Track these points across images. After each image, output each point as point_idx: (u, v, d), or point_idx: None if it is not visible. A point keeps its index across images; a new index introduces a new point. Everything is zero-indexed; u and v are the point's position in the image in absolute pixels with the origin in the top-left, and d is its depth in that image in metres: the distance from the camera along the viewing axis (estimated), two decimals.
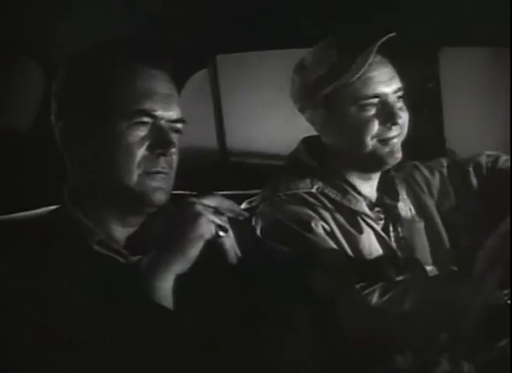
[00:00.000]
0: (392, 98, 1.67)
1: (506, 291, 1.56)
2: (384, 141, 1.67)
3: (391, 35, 1.63)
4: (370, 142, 1.66)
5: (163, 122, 1.28)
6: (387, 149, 1.67)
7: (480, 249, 1.49)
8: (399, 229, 1.74)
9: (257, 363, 1.21)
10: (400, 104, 1.68)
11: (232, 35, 2.16)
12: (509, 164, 1.80)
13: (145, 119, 1.26)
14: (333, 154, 1.74)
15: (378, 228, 1.70)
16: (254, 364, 1.21)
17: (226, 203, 1.27)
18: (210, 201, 1.25)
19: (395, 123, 1.66)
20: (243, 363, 1.20)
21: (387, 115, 1.66)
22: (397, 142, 1.69)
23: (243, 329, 1.22)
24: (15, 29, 2.05)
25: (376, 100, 1.65)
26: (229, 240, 1.24)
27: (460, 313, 1.45)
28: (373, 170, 1.74)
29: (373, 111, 1.66)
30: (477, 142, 2.48)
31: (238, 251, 1.26)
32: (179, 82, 1.36)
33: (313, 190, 1.70)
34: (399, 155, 1.69)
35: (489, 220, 1.65)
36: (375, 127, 1.66)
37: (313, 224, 1.63)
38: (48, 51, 2.12)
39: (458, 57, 2.38)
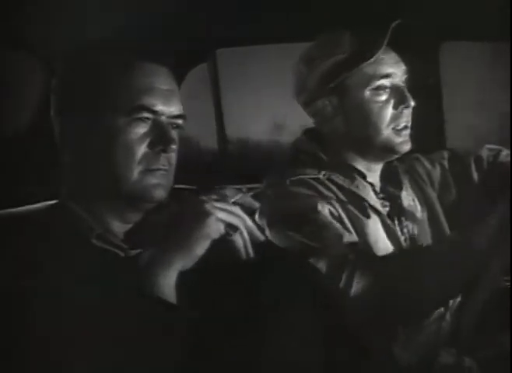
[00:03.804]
0: (402, 80, 1.69)
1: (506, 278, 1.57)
2: (398, 131, 1.68)
3: (399, 21, 1.65)
4: (385, 130, 1.67)
5: (163, 118, 1.27)
6: (400, 139, 1.68)
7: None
8: (402, 218, 1.74)
9: (260, 359, 1.21)
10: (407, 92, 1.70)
11: (231, 29, 2.15)
12: (509, 158, 1.80)
13: (146, 114, 1.25)
14: (336, 144, 1.74)
15: (385, 216, 1.70)
16: (257, 360, 1.20)
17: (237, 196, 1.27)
18: (221, 203, 1.24)
19: (407, 106, 1.67)
20: (246, 359, 1.20)
21: (399, 98, 1.67)
22: (407, 133, 1.70)
23: (246, 326, 1.22)
24: (14, 25, 2.04)
25: (387, 82, 1.66)
26: (240, 238, 1.23)
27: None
28: (382, 158, 1.74)
29: (385, 96, 1.67)
30: (477, 136, 2.48)
31: (251, 250, 1.25)
32: (178, 77, 1.35)
33: (320, 176, 1.70)
34: (409, 145, 1.70)
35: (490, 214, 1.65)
36: (389, 111, 1.67)
37: (319, 208, 1.62)
38: (47, 47, 2.12)
39: (459, 52, 2.38)
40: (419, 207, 1.77)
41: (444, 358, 1.58)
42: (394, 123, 1.67)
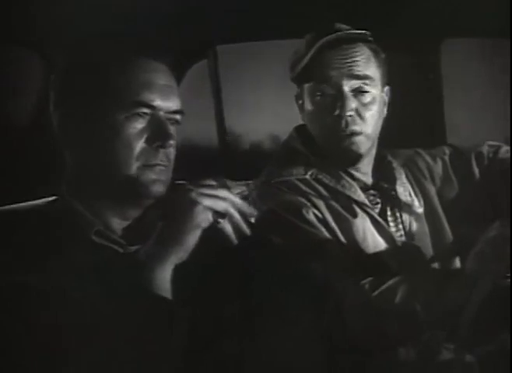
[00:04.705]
0: (349, 84, 1.65)
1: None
2: (347, 136, 1.65)
3: (338, 34, 1.63)
4: (336, 134, 1.66)
5: (161, 113, 1.27)
6: (345, 143, 1.66)
7: (469, 255, 1.50)
8: (397, 214, 1.73)
9: (256, 353, 1.21)
10: (365, 97, 1.67)
11: (232, 25, 2.15)
12: (509, 154, 1.80)
13: (144, 110, 1.25)
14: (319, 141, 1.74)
15: (374, 213, 1.70)
16: (253, 354, 1.21)
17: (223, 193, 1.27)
18: (207, 189, 1.24)
19: (341, 116, 1.64)
20: (242, 353, 1.20)
21: (339, 104, 1.64)
22: (358, 140, 1.66)
23: (242, 319, 1.22)
24: (13, 20, 2.05)
25: (328, 87, 1.65)
26: (229, 224, 1.24)
27: (453, 311, 1.44)
28: (344, 164, 1.72)
29: (326, 100, 1.65)
30: (477, 133, 2.48)
31: (245, 228, 1.24)
32: (178, 73, 1.35)
33: (307, 177, 1.69)
34: (360, 151, 1.68)
35: (490, 210, 1.65)
36: (326, 117, 1.66)
37: (304, 212, 1.63)
38: (47, 43, 2.12)
39: (459, 49, 2.38)
40: (416, 202, 1.77)
41: (444, 354, 1.58)
42: (334, 128, 1.65)
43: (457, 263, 1.77)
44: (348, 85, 1.65)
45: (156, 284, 1.15)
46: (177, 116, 1.30)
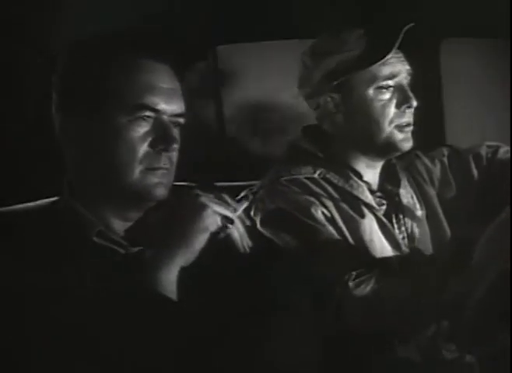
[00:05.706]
0: (406, 81, 1.69)
1: None
2: (400, 128, 1.68)
3: (412, 24, 1.64)
4: (388, 128, 1.67)
5: (165, 117, 1.27)
6: (401, 136, 1.68)
7: (479, 241, 1.50)
8: (400, 216, 1.74)
9: (259, 354, 1.21)
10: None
11: (232, 26, 2.15)
12: (509, 155, 1.80)
13: (148, 113, 1.25)
14: (336, 141, 1.74)
15: (380, 214, 1.70)
16: (256, 354, 1.21)
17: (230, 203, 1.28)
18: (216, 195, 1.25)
19: (410, 106, 1.67)
20: (245, 353, 1.20)
21: (402, 98, 1.67)
22: (409, 130, 1.69)
23: (247, 320, 1.23)
24: (14, 19, 2.04)
25: (392, 82, 1.66)
26: (237, 230, 1.25)
27: (456, 302, 1.45)
28: (383, 156, 1.73)
29: (388, 94, 1.66)
30: (477, 133, 2.48)
31: (248, 240, 1.26)
32: (179, 74, 1.35)
33: (315, 176, 1.69)
34: (411, 143, 1.70)
35: (489, 211, 1.65)
36: (391, 109, 1.67)
37: (312, 210, 1.63)
38: (48, 44, 2.12)
39: (459, 48, 2.38)
40: (417, 205, 1.77)
41: (445, 355, 1.59)
42: (396, 120, 1.67)
43: (458, 261, 1.77)
44: (407, 79, 1.69)
45: (162, 285, 1.16)
46: (181, 120, 1.30)
